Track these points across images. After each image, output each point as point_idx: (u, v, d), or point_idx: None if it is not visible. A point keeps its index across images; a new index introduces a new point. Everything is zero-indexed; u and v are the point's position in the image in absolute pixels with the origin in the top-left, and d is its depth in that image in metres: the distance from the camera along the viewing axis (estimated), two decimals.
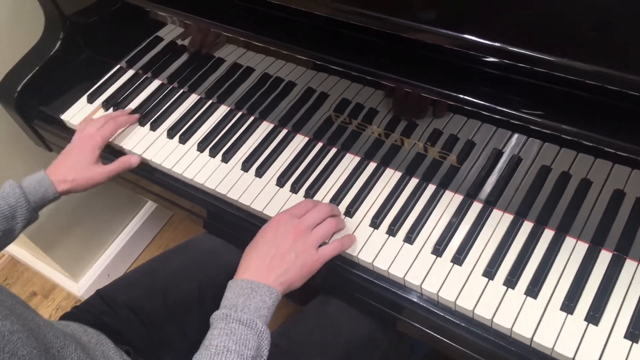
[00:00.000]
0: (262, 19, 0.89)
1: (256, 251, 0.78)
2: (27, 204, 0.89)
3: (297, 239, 0.78)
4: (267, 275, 0.75)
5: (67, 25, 1.15)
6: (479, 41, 0.68)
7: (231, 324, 0.69)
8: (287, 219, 0.81)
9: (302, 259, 0.77)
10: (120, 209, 1.70)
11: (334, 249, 0.80)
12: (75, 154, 0.98)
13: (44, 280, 1.79)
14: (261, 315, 0.71)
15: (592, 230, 0.77)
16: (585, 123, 0.68)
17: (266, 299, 0.73)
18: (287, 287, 0.76)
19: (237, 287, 0.74)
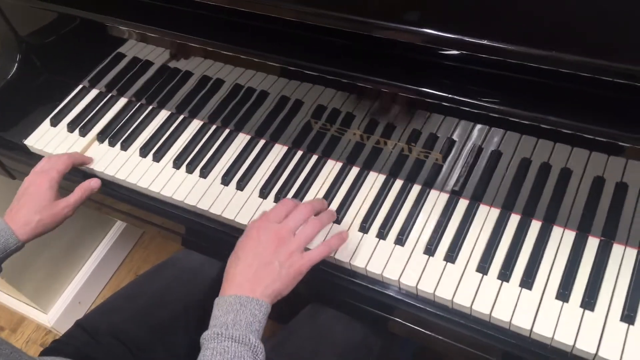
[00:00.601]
0: (228, 28, 0.87)
1: (239, 264, 0.75)
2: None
3: (280, 246, 0.75)
4: (254, 288, 0.72)
5: (23, 47, 1.11)
6: (445, 35, 0.69)
7: (223, 342, 0.67)
8: (267, 225, 0.77)
9: (287, 267, 0.74)
10: (87, 232, 1.64)
11: (320, 253, 0.77)
12: (33, 194, 0.89)
13: (10, 313, 1.71)
14: (253, 330, 0.69)
15: (578, 218, 0.79)
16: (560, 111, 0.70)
17: (256, 312, 0.70)
18: (274, 297, 0.74)
19: (225, 304, 0.71)
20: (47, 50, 1.12)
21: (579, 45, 0.65)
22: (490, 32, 0.68)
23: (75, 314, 1.63)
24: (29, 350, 1.64)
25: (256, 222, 0.78)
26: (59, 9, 0.98)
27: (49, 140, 1.06)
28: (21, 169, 1.13)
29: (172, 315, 0.95)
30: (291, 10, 0.78)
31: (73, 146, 1.05)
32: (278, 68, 0.86)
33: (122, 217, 1.10)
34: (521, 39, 0.67)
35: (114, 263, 1.76)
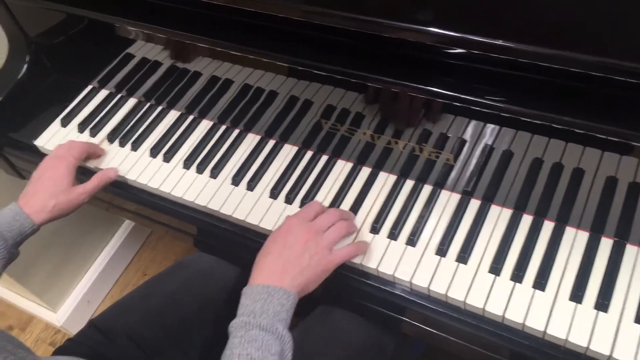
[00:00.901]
0: (237, 28, 0.87)
1: (269, 255, 0.76)
2: (3, 241, 0.83)
3: (309, 240, 0.77)
4: (282, 278, 0.73)
5: (33, 47, 1.11)
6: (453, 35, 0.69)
7: (251, 330, 0.67)
8: (298, 222, 0.79)
9: (316, 260, 0.76)
10: (95, 232, 1.65)
11: (348, 252, 0.80)
12: (50, 179, 0.90)
13: (20, 312, 1.71)
14: (281, 319, 0.69)
15: (591, 218, 0.79)
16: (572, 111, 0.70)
17: (284, 301, 0.71)
18: (302, 289, 0.75)
19: (252, 293, 0.72)
20: (56, 50, 1.12)
21: (589, 44, 0.65)
22: (499, 31, 0.67)
23: (84, 313, 1.64)
24: (38, 349, 1.65)
25: (288, 220, 0.81)
26: (67, 9, 0.98)
27: (59, 140, 1.07)
28: (31, 169, 1.13)
29: (185, 316, 0.95)
30: (299, 10, 0.78)
31: None
32: (287, 68, 0.86)
33: (131, 217, 1.10)
34: (531, 38, 0.66)
35: (122, 263, 1.76)
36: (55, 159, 0.94)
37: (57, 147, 0.97)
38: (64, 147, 0.96)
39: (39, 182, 0.91)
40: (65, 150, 0.95)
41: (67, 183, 0.90)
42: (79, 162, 0.95)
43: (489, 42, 0.68)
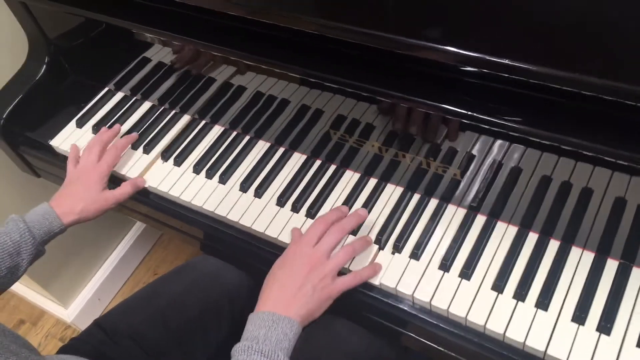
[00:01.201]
0: (251, 38, 0.88)
1: (275, 285, 0.78)
2: (32, 238, 0.85)
3: (312, 270, 0.78)
4: (288, 307, 0.75)
5: (52, 49, 1.13)
6: (467, 54, 0.68)
7: (253, 355, 0.69)
8: (302, 249, 0.80)
9: (319, 290, 0.77)
10: (108, 230, 1.67)
11: (351, 281, 0.80)
12: (82, 184, 0.94)
13: (32, 307, 1.74)
14: (282, 348, 0.71)
15: (597, 239, 0.78)
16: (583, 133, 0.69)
17: (287, 331, 0.72)
18: (306, 319, 0.76)
19: (258, 320, 0.73)
20: (75, 52, 1.15)
21: (601, 68, 0.64)
22: (513, 52, 0.67)
23: (95, 310, 1.66)
24: (48, 344, 1.67)
25: (293, 245, 0.82)
26: (86, 14, 0.99)
27: (74, 141, 1.08)
28: (46, 168, 1.16)
29: (188, 319, 0.96)
30: (315, 24, 0.77)
31: None
32: (299, 78, 0.86)
33: (142, 219, 1.11)
34: (544, 59, 0.66)
35: (134, 262, 1.78)
36: (90, 166, 0.97)
37: (89, 151, 1.00)
38: (96, 152, 0.99)
39: (71, 185, 0.95)
40: (97, 157, 0.98)
41: (97, 189, 0.94)
42: (111, 169, 0.99)
43: (503, 62, 0.66)
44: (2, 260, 0.82)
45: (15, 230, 0.85)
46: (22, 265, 0.85)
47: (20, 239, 0.84)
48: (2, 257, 0.82)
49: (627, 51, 0.65)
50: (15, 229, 0.85)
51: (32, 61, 1.15)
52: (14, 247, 0.83)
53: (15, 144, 1.14)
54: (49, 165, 1.13)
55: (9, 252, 0.83)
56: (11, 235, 0.84)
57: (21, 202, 1.34)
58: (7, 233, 0.84)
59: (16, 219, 0.86)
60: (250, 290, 1.02)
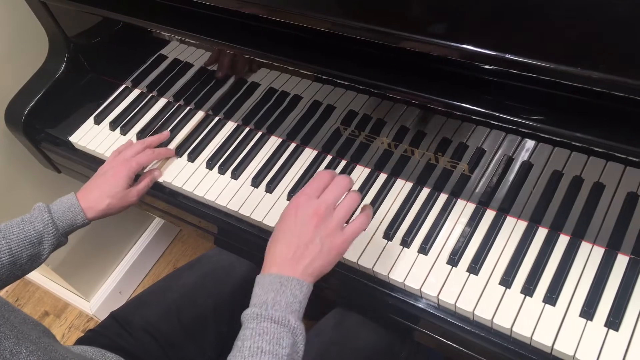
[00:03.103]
0: (265, 35, 0.89)
1: (279, 243, 0.73)
2: (54, 229, 0.87)
3: (319, 223, 0.72)
4: (295, 267, 0.70)
5: (71, 47, 1.16)
6: (482, 51, 0.67)
7: (262, 322, 0.66)
8: (305, 201, 0.74)
9: (329, 244, 0.72)
10: (129, 225, 1.70)
11: (361, 225, 0.75)
12: (110, 179, 0.94)
13: (56, 299, 1.79)
14: (293, 311, 0.68)
15: (608, 234, 0.77)
16: (592, 128, 0.68)
17: (297, 292, 0.69)
18: (317, 276, 0.72)
19: (265, 283, 0.70)
20: (93, 51, 1.17)
21: (614, 64, 0.63)
22: (530, 50, 0.66)
23: (116, 303, 1.69)
24: (71, 335, 1.71)
25: (294, 200, 0.75)
26: (104, 13, 1.01)
27: (92, 137, 1.11)
28: (66, 164, 1.19)
29: (202, 312, 0.98)
30: (330, 22, 0.77)
31: (114, 144, 1.09)
32: (312, 75, 0.87)
33: (160, 215, 1.13)
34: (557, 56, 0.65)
35: (154, 255, 1.81)
36: (120, 162, 0.97)
37: (128, 147, 1.00)
38: (133, 149, 1.00)
39: (99, 179, 0.95)
40: (131, 155, 0.99)
41: (123, 185, 0.94)
42: (140, 169, 0.99)
43: (515, 59, 0.66)
44: (24, 249, 0.84)
45: (39, 220, 0.86)
46: (43, 254, 0.87)
47: (44, 228, 0.85)
48: (24, 245, 0.84)
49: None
50: (39, 218, 0.86)
51: (52, 59, 1.17)
52: (37, 237, 0.85)
53: (37, 140, 1.17)
54: (69, 161, 1.16)
55: (31, 241, 0.84)
56: (35, 224, 0.85)
57: (43, 198, 1.35)
58: (31, 222, 0.85)
59: (42, 207, 0.87)
60: None
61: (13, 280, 0.86)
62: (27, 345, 0.60)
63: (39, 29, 1.15)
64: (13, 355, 0.57)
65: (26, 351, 0.59)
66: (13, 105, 1.16)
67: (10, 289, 1.85)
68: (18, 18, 1.18)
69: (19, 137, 1.18)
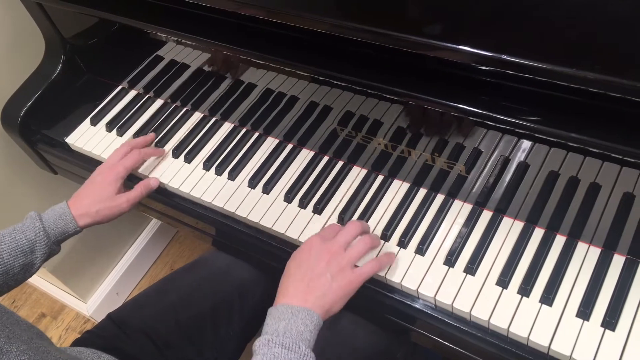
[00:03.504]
0: (262, 36, 0.89)
1: (292, 276, 0.76)
2: (46, 238, 0.86)
3: (331, 260, 0.76)
4: (306, 299, 0.73)
5: (68, 48, 1.16)
6: (478, 52, 0.68)
7: (274, 348, 0.67)
8: (318, 241, 0.79)
9: (339, 281, 0.75)
10: (126, 226, 1.70)
11: (371, 268, 0.78)
12: (98, 186, 0.94)
13: (52, 301, 1.78)
14: (304, 339, 0.69)
15: (604, 234, 0.77)
16: (588, 128, 0.68)
17: (307, 322, 0.71)
18: (326, 311, 0.74)
19: (277, 313, 0.72)
20: (89, 52, 1.17)
21: (610, 65, 0.63)
22: (526, 51, 0.66)
23: (113, 304, 1.68)
24: (68, 337, 1.71)
25: (308, 240, 0.80)
26: (99, 14, 1.01)
27: (88, 139, 1.11)
28: (62, 165, 1.18)
29: (199, 313, 0.98)
30: (327, 23, 0.77)
31: (111, 145, 1.09)
32: (309, 76, 0.87)
33: (157, 216, 1.13)
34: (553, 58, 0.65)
35: (151, 257, 1.81)
36: (107, 168, 0.97)
37: (114, 152, 1.00)
38: (118, 153, 0.99)
39: (89, 186, 0.95)
40: (117, 159, 0.98)
41: (111, 191, 0.94)
42: (129, 172, 0.98)
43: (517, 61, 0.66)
44: (16, 258, 0.84)
45: (31, 229, 0.85)
46: (35, 263, 0.87)
47: (35, 237, 0.85)
48: (16, 255, 0.84)
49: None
50: (31, 227, 0.86)
51: (48, 60, 1.17)
52: (29, 246, 0.85)
53: (33, 141, 1.17)
54: (65, 163, 1.16)
55: (23, 250, 0.84)
56: (26, 233, 0.85)
57: (39, 199, 1.37)
58: (23, 231, 0.85)
59: (34, 217, 0.87)
60: (260, 285, 1.03)
61: (7, 291, 0.86)
62: (18, 345, 0.60)
63: (35, 30, 1.15)
64: (3, 354, 0.57)
65: (17, 350, 0.59)
66: (9, 107, 1.16)
67: None
68: (14, 19, 1.18)
69: (15, 138, 1.18)
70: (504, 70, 0.68)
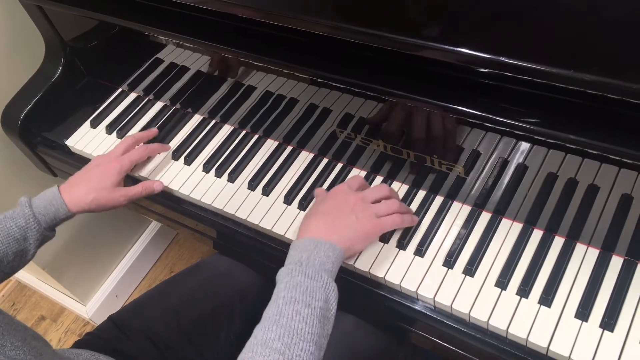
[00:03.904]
0: (261, 39, 0.89)
1: (317, 213, 0.79)
2: (37, 224, 0.85)
3: (357, 204, 0.79)
4: (329, 234, 0.75)
5: (68, 51, 1.16)
6: (476, 54, 0.68)
7: (296, 277, 0.69)
8: (346, 187, 0.82)
9: (363, 222, 0.78)
10: (125, 229, 1.70)
11: (394, 221, 0.80)
12: (98, 174, 0.93)
13: (52, 303, 1.78)
14: (326, 270, 0.71)
15: (602, 236, 0.77)
16: (586, 130, 0.68)
17: (329, 253, 0.73)
18: (348, 247, 0.76)
19: (299, 246, 0.74)
20: (89, 54, 1.17)
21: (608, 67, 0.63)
22: (524, 52, 0.66)
23: (113, 307, 1.69)
24: (67, 340, 1.71)
25: (336, 187, 0.84)
26: (100, 17, 1.02)
27: (88, 141, 1.11)
28: (62, 167, 1.19)
29: (200, 316, 0.98)
30: (327, 26, 0.77)
31: (111, 148, 1.09)
32: (309, 78, 0.87)
33: (157, 218, 1.14)
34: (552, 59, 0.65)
35: (151, 259, 1.81)
36: (111, 158, 0.96)
37: (118, 144, 0.99)
38: (124, 145, 0.99)
39: (86, 174, 0.94)
40: (122, 151, 0.98)
41: (112, 182, 0.93)
42: (133, 166, 0.98)
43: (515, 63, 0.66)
44: (9, 245, 0.83)
45: (20, 215, 0.85)
46: (29, 250, 0.86)
47: (26, 224, 0.84)
48: (8, 242, 0.83)
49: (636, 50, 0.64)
50: (21, 214, 0.85)
51: (48, 63, 1.18)
52: (20, 233, 0.84)
53: (33, 143, 1.17)
54: (65, 165, 1.16)
55: (14, 238, 0.83)
56: (16, 220, 0.84)
57: None
58: (13, 218, 0.84)
59: (23, 203, 0.86)
60: (261, 289, 1.03)
61: (4, 279, 0.85)
62: (12, 341, 0.59)
63: (36, 33, 1.15)
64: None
65: (11, 345, 0.59)
66: (9, 109, 1.16)
67: (6, 293, 1.85)
68: (14, 22, 1.18)
69: (16, 140, 1.18)
70: (502, 72, 0.68)
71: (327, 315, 0.68)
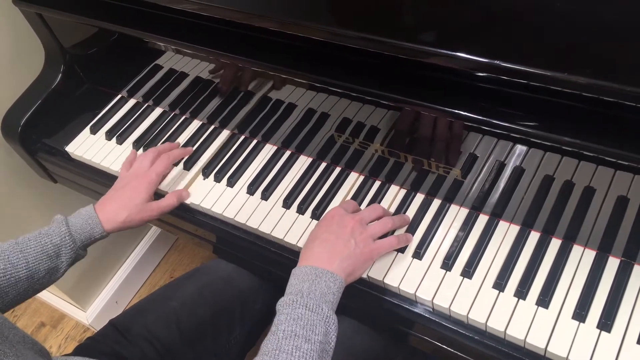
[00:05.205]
0: (259, 44, 0.90)
1: (317, 239, 0.79)
2: (72, 242, 0.85)
3: (355, 228, 0.80)
4: (330, 261, 0.75)
5: (67, 58, 1.17)
6: (474, 59, 0.69)
7: (297, 309, 0.69)
8: (342, 212, 0.83)
9: (361, 247, 0.79)
10: (125, 234, 1.70)
11: (390, 243, 0.82)
12: (130, 192, 0.93)
13: (52, 310, 1.78)
14: (327, 301, 0.71)
15: (599, 237, 0.78)
16: (582, 133, 0.69)
17: (330, 284, 0.73)
18: (348, 275, 0.77)
19: (301, 274, 0.74)
20: (89, 61, 1.18)
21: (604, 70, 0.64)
22: (520, 56, 0.67)
23: (112, 312, 1.69)
24: (67, 346, 1.71)
25: (332, 210, 0.84)
26: (99, 24, 1.02)
27: (88, 147, 1.12)
28: (62, 173, 1.19)
29: (201, 321, 0.98)
30: (326, 32, 0.78)
31: (110, 154, 1.10)
32: (306, 83, 0.88)
33: (157, 224, 1.14)
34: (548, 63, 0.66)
35: (150, 265, 1.81)
36: (139, 174, 0.96)
37: (141, 158, 0.99)
38: (147, 159, 0.98)
39: (119, 192, 0.94)
40: (148, 165, 0.97)
41: (143, 199, 0.92)
42: (160, 178, 0.97)
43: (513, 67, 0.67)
44: (41, 262, 0.82)
45: (56, 233, 0.84)
46: (61, 268, 0.85)
47: (61, 242, 0.84)
48: (41, 259, 0.82)
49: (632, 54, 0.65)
50: (57, 231, 0.84)
51: (48, 70, 1.18)
52: (54, 250, 0.83)
53: (33, 150, 1.17)
54: (65, 171, 1.17)
55: (48, 255, 0.83)
56: (52, 237, 0.84)
57: (39, 208, 1.38)
58: (49, 235, 0.84)
59: (60, 220, 0.86)
60: (261, 295, 1.04)
61: (32, 295, 0.85)
62: (5, 351, 0.60)
63: (35, 40, 1.16)
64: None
65: None
66: (10, 116, 1.17)
67: None
68: (14, 29, 1.19)
69: (16, 147, 1.18)
70: (499, 76, 0.69)
71: (326, 349, 0.68)
